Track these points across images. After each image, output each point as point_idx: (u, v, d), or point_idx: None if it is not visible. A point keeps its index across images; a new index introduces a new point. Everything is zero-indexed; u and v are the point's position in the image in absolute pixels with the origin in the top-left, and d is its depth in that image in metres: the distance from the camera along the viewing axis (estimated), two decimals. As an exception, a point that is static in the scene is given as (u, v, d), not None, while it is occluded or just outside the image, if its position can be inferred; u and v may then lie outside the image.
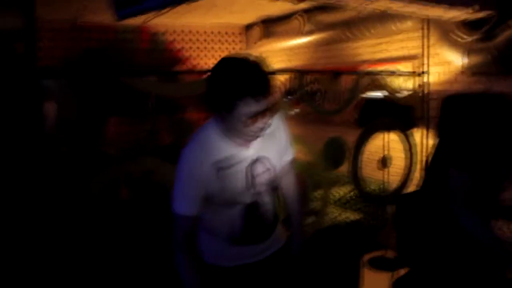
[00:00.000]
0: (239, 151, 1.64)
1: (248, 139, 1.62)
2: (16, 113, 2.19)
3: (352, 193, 3.89)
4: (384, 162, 3.81)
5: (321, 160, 3.03)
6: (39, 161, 2.00)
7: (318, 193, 3.18)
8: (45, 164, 2.02)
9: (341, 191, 3.93)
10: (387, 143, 3.88)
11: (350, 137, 3.28)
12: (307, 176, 3.04)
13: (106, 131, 3.87)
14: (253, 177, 1.67)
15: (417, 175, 3.77)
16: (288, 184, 1.92)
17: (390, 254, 3.94)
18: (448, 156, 1.83)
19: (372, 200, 3.84)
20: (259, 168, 1.69)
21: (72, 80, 2.04)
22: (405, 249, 2.95)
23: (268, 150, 1.72)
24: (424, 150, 3.68)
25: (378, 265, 3.87)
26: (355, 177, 3.38)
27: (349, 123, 4.51)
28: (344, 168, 3.44)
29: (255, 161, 1.68)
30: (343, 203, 3.86)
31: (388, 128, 3.74)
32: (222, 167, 1.60)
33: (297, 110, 5.29)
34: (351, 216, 3.21)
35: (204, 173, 1.58)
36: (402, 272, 3.23)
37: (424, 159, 3.64)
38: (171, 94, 2.76)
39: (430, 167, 2.01)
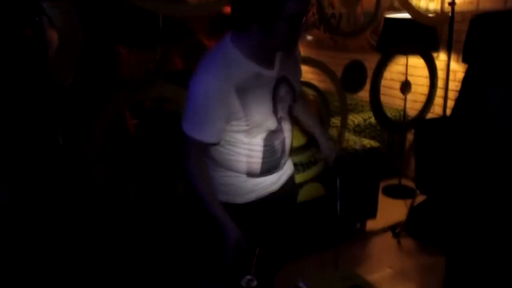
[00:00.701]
0: (263, 71, 1.49)
1: (285, 48, 1.51)
2: (17, 42, 2.09)
3: (369, 120, 3.79)
4: (404, 87, 3.67)
5: (340, 85, 2.89)
6: (43, 97, 1.91)
7: (335, 121, 3.09)
8: (48, 101, 1.92)
9: (358, 118, 3.83)
10: (408, 68, 3.72)
11: (369, 63, 3.11)
12: (324, 102, 2.94)
13: (114, 61, 3.74)
14: (277, 100, 1.55)
15: (438, 101, 3.62)
16: (303, 108, 1.84)
17: (406, 182, 3.91)
18: (483, 77, 1.70)
19: (391, 127, 3.74)
20: (282, 90, 1.57)
21: (75, 2, 1.89)
22: (425, 177, 2.90)
23: (289, 71, 1.59)
24: (447, 75, 3.49)
25: (394, 193, 3.85)
26: (374, 103, 3.26)
27: (367, 48, 4.32)
28: (362, 94, 3.31)
29: (279, 82, 1.55)
30: (360, 131, 3.77)
31: (409, 52, 3.56)
32: (245, 88, 1.45)
33: (310, 37, 5.09)
34: (368, 143, 3.13)
35: (225, 94, 1.42)
36: (418, 200, 3.22)
37: (446, 85, 3.48)
38: (183, 14, 2.58)
39: (462, 92, 1.88)
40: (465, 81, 1.84)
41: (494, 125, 1.61)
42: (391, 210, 3.49)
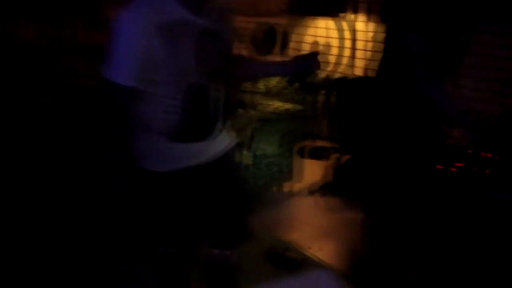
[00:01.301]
0: (189, 16, 1.40)
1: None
2: None
3: (282, 83, 3.80)
4: (314, 48, 3.70)
5: (251, 48, 2.83)
6: None
7: (246, 85, 3.05)
8: None
9: (270, 82, 3.81)
10: (319, 30, 3.74)
11: (280, 27, 3.09)
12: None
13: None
14: (203, 51, 1.45)
15: (348, 61, 3.71)
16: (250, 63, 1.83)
17: (323, 143, 4.01)
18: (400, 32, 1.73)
19: (304, 89, 3.77)
20: (210, 42, 1.48)
21: None
22: (347, 136, 2.97)
23: (220, 24, 1.51)
24: (354, 35, 3.58)
25: (312, 154, 3.93)
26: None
27: (278, 12, 4.29)
28: (274, 57, 3.29)
29: (206, 33, 1.46)
30: (274, 94, 3.77)
31: (318, 14, 3.57)
32: (168, 31, 1.36)
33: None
34: (282, 106, 3.13)
35: (145, 33, 1.34)
36: (339, 159, 3.31)
37: (355, 45, 3.56)
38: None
39: (385, 53, 1.91)
40: (386, 41, 1.86)
41: (411, 73, 1.65)
42: (307, 171, 3.56)
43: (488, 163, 1.42)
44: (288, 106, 3.13)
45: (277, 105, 3.10)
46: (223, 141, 1.67)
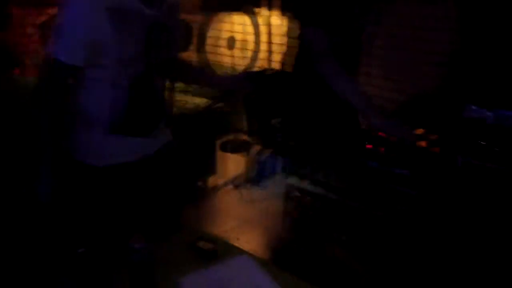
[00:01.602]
0: (140, 5, 1.40)
1: None
2: None
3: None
4: (231, 43, 3.74)
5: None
6: None
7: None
8: None
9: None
10: (234, 25, 3.79)
11: (195, 23, 3.09)
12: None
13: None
14: (151, 43, 1.46)
15: (263, 55, 3.79)
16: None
17: (244, 137, 4.07)
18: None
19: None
20: (158, 35, 1.48)
21: None
22: (266, 130, 3.04)
23: (169, 19, 1.52)
24: (269, 30, 3.67)
25: (234, 148, 3.97)
26: (203, 61, 3.26)
27: (192, 8, 4.27)
28: (190, 54, 3.29)
29: (156, 25, 1.46)
30: (191, 90, 3.76)
31: (232, 9, 3.61)
32: (119, 17, 1.35)
33: None
34: (200, 102, 3.14)
35: (97, 17, 1.32)
36: (253, 151, 3.38)
37: (271, 40, 3.65)
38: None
39: (299, 48, 1.97)
40: (299, 36, 1.93)
41: (315, 64, 1.72)
42: (229, 165, 3.60)
43: (391, 144, 1.54)
44: (205, 101, 3.15)
45: (197, 101, 3.11)
46: (161, 138, 1.65)
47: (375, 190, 1.25)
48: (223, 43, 3.85)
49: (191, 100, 3.12)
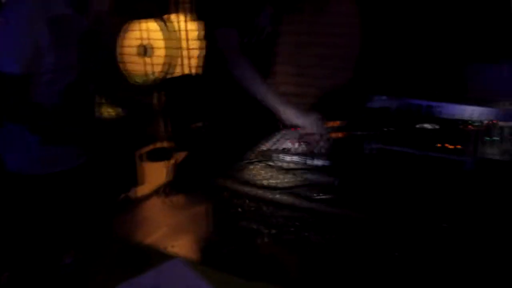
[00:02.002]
0: (75, 16, 1.48)
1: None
2: None
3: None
4: (144, 51, 3.68)
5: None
6: None
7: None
8: None
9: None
10: (146, 32, 3.73)
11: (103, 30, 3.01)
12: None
13: None
14: (83, 52, 1.51)
15: (181, 61, 3.78)
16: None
17: (163, 144, 4.02)
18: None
19: (138, 92, 3.74)
20: (94, 44, 1.55)
21: None
22: (180, 134, 3.03)
23: (103, 28, 1.64)
24: (186, 36, 3.66)
25: (154, 156, 3.91)
26: (117, 71, 3.18)
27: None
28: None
29: (91, 34, 1.54)
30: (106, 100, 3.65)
31: (143, 16, 3.56)
32: (54, 26, 1.39)
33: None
34: (115, 112, 3.05)
35: (32, 25, 1.36)
36: (178, 158, 3.37)
37: (187, 45, 3.65)
38: None
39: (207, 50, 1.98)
40: (206, 38, 1.94)
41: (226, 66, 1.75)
42: (155, 174, 3.55)
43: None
44: (121, 111, 3.07)
45: (110, 110, 3.02)
46: (91, 147, 1.72)
47: (299, 183, 1.31)
48: (133, 51, 3.79)
49: (104, 109, 3.03)
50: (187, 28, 3.68)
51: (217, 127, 2.01)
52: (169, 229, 2.95)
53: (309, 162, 1.38)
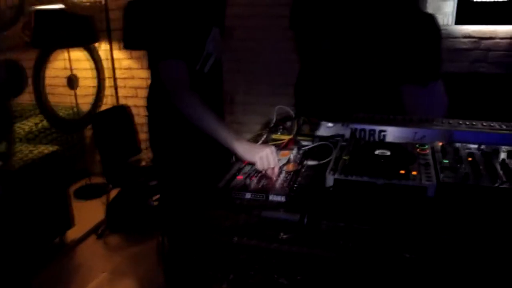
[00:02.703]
0: None
1: None
2: None
3: (40, 124, 3.43)
4: (70, 83, 3.45)
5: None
6: None
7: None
8: None
9: (29, 124, 3.41)
10: (72, 62, 3.51)
11: (27, 62, 2.78)
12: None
13: None
14: None
15: (108, 92, 3.59)
16: None
17: (95, 180, 3.77)
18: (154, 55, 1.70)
19: (66, 126, 3.49)
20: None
21: None
22: (113, 169, 2.84)
23: None
24: (112, 65, 3.49)
25: (86, 194, 3.66)
26: (42, 105, 2.94)
27: (22, 46, 3.86)
28: (26, 98, 2.95)
29: None
30: (34, 137, 3.38)
31: (68, 45, 3.35)
32: None
33: None
34: (45, 149, 2.82)
35: None
36: (112, 194, 3.16)
37: (113, 74, 3.47)
38: None
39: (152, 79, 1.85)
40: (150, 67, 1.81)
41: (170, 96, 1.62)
42: (88, 213, 3.30)
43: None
44: (53, 147, 2.84)
45: (41, 148, 2.78)
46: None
47: (260, 222, 1.22)
48: (64, 82, 3.54)
49: (34, 148, 2.78)
50: (116, 57, 3.52)
51: (165, 161, 1.87)
52: (110, 273, 2.72)
53: (270, 198, 1.29)
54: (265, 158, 1.43)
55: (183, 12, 1.60)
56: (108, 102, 3.71)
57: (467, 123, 1.81)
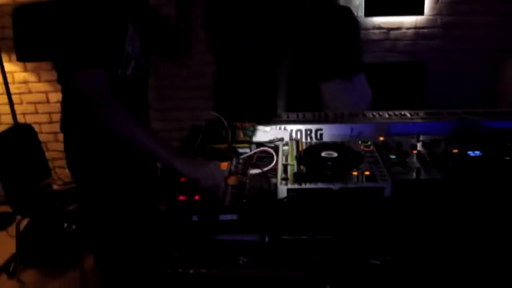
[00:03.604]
0: None
1: None
2: None
3: None
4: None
5: None
6: None
7: None
8: None
9: None
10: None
11: None
12: None
13: None
14: None
15: (3, 110, 3.19)
16: None
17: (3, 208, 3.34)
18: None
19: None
20: None
21: None
22: (19, 199, 2.51)
23: None
24: (4, 79, 3.08)
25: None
26: None
27: None
28: None
29: None
30: None
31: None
32: None
33: None
34: None
35: None
36: (22, 223, 2.81)
37: (7, 89, 3.08)
38: None
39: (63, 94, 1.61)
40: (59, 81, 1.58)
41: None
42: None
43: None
44: None
45: None
46: None
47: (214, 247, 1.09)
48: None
49: None
50: (8, 70, 3.13)
51: (90, 183, 1.64)
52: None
53: (220, 218, 1.16)
54: (210, 174, 1.29)
55: (94, 11, 1.38)
56: (5, 121, 3.30)
57: (397, 113, 1.83)
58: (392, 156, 1.36)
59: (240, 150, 1.61)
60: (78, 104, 1.49)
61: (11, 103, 3.08)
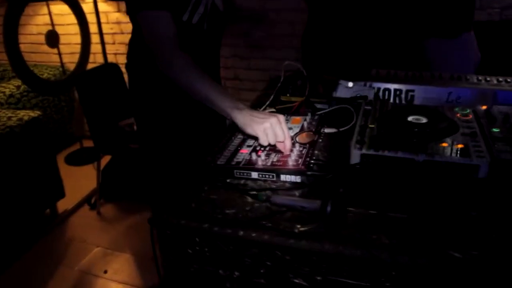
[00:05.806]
0: None
1: None
2: None
3: (23, 87, 3.15)
4: (51, 39, 3.12)
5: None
6: None
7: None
8: None
9: (9, 87, 3.13)
10: (54, 17, 3.19)
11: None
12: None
13: None
14: None
15: (95, 49, 3.28)
16: None
17: (87, 144, 3.53)
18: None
19: (49, 88, 3.19)
20: None
21: None
22: (101, 136, 2.60)
23: None
24: (98, 18, 3.15)
25: (78, 160, 3.42)
26: (19, 66, 2.65)
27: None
28: (6, 57, 2.66)
29: None
30: (17, 101, 3.11)
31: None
32: None
33: None
34: (28, 115, 2.55)
35: None
36: (104, 160, 2.93)
37: (99, 29, 3.14)
38: None
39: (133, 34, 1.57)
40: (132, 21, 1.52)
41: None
42: (80, 181, 3.08)
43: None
44: (34, 113, 2.57)
45: (21, 115, 2.52)
46: None
47: (272, 211, 0.98)
48: (40, 39, 3.23)
49: (15, 114, 2.52)
50: (102, 10, 3.19)
51: (150, 130, 1.61)
52: (104, 248, 2.52)
53: (283, 179, 1.05)
54: (271, 130, 1.14)
55: None
56: (96, 60, 3.41)
57: (509, 80, 1.54)
58: (495, 130, 1.13)
59: (318, 106, 1.47)
60: (142, 46, 1.42)
61: (102, 42, 3.15)
